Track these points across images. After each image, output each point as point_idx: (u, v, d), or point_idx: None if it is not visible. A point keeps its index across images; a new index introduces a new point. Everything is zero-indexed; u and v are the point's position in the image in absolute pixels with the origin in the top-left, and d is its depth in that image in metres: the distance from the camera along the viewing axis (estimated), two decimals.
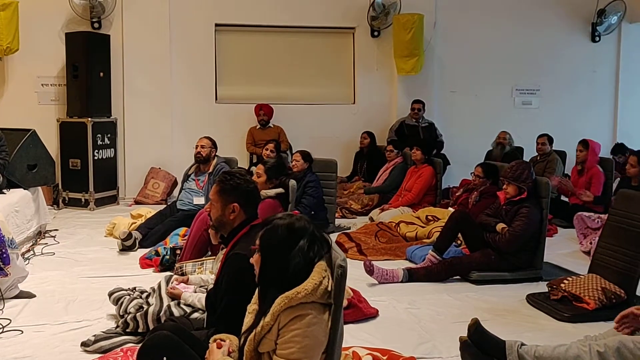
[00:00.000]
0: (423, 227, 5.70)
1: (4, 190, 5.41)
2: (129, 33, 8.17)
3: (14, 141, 5.78)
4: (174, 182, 8.18)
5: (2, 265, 3.87)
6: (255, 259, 2.31)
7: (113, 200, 8.03)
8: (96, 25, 8.08)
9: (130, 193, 8.25)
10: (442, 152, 8.51)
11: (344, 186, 7.96)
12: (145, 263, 5.00)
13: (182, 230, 5.42)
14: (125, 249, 5.49)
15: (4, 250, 3.89)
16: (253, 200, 2.89)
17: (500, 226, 4.69)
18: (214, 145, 6.30)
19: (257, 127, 8.50)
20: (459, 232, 4.89)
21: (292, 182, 4.51)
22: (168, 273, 4.78)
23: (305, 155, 6.36)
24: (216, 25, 8.56)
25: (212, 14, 8.49)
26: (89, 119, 7.61)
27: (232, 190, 2.84)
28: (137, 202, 8.01)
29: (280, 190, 4.51)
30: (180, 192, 6.32)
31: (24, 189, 5.69)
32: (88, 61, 7.72)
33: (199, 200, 6.06)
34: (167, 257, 4.87)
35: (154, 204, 7.83)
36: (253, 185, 2.93)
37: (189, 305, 3.41)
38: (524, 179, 4.69)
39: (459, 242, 5.17)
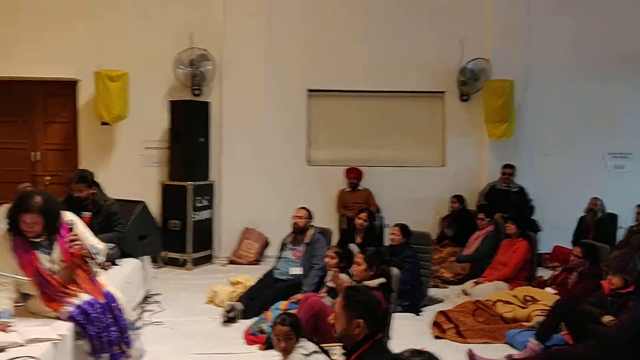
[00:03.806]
0: (521, 307, 5.65)
1: (117, 262, 5.74)
2: (227, 99, 8.59)
3: (126, 212, 6.16)
4: (266, 243, 8.45)
5: (125, 349, 4.13)
6: None
7: (208, 260, 8.36)
8: (197, 92, 8.53)
9: (224, 252, 8.56)
10: (532, 217, 8.42)
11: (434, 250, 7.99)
12: (250, 339, 5.19)
13: (282, 304, 5.60)
14: (227, 320, 5.73)
15: (127, 335, 4.16)
16: (377, 316, 3.01)
17: (607, 319, 4.59)
18: (310, 216, 6.49)
19: (347, 190, 8.69)
20: (562, 321, 4.85)
21: (395, 271, 4.60)
22: (273, 351, 4.99)
23: (404, 230, 6.46)
24: (309, 90, 8.88)
25: (305, 80, 8.83)
26: (190, 182, 8.01)
27: (357, 305, 2.97)
28: (231, 262, 8.31)
29: (382, 280, 4.59)
30: (277, 260, 6.52)
31: (135, 258, 6.04)
32: (189, 127, 8.17)
33: (296, 270, 6.24)
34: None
35: (248, 264, 8.14)
36: (377, 300, 3.05)
37: None
38: (630, 270, 4.61)
39: (560, 327, 5.10)
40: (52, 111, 8.60)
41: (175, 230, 8.07)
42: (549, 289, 5.95)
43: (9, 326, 3.69)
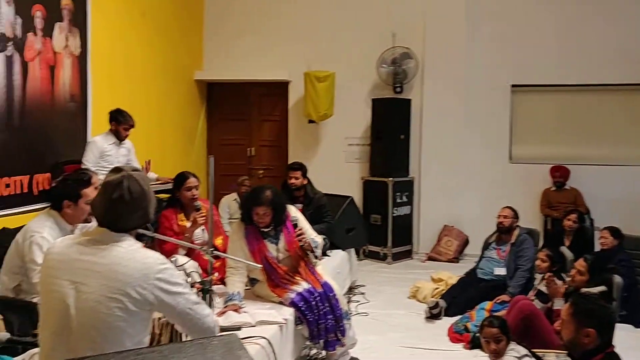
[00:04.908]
0: None
1: (328, 253, 6.07)
2: (427, 96, 8.65)
3: (335, 206, 6.49)
4: (466, 241, 8.38)
5: (340, 337, 4.38)
6: None
7: (407, 255, 8.50)
8: (398, 89, 8.68)
9: (423, 249, 8.64)
10: None
11: None
12: (455, 337, 5.22)
13: (487, 304, 5.55)
14: (431, 316, 5.81)
15: (341, 323, 4.41)
16: (608, 327, 2.88)
17: None
18: (515, 215, 6.33)
19: (552, 189, 8.32)
20: None
21: (617, 279, 4.35)
22: (478, 351, 4.98)
23: (614, 232, 6.07)
24: (512, 86, 8.62)
25: (508, 75, 8.58)
26: (390, 178, 8.21)
27: (586, 314, 2.85)
28: (430, 258, 8.38)
29: (603, 288, 4.38)
30: (480, 259, 6.45)
31: (342, 250, 6.34)
32: (390, 124, 8.36)
33: (500, 270, 6.12)
34: (479, 335, 5.02)
35: (447, 262, 8.15)
36: (609, 310, 2.93)
37: None
38: None
39: None
40: (266, 110, 9.35)
41: (376, 225, 8.32)
42: None
43: (241, 307, 4.10)
